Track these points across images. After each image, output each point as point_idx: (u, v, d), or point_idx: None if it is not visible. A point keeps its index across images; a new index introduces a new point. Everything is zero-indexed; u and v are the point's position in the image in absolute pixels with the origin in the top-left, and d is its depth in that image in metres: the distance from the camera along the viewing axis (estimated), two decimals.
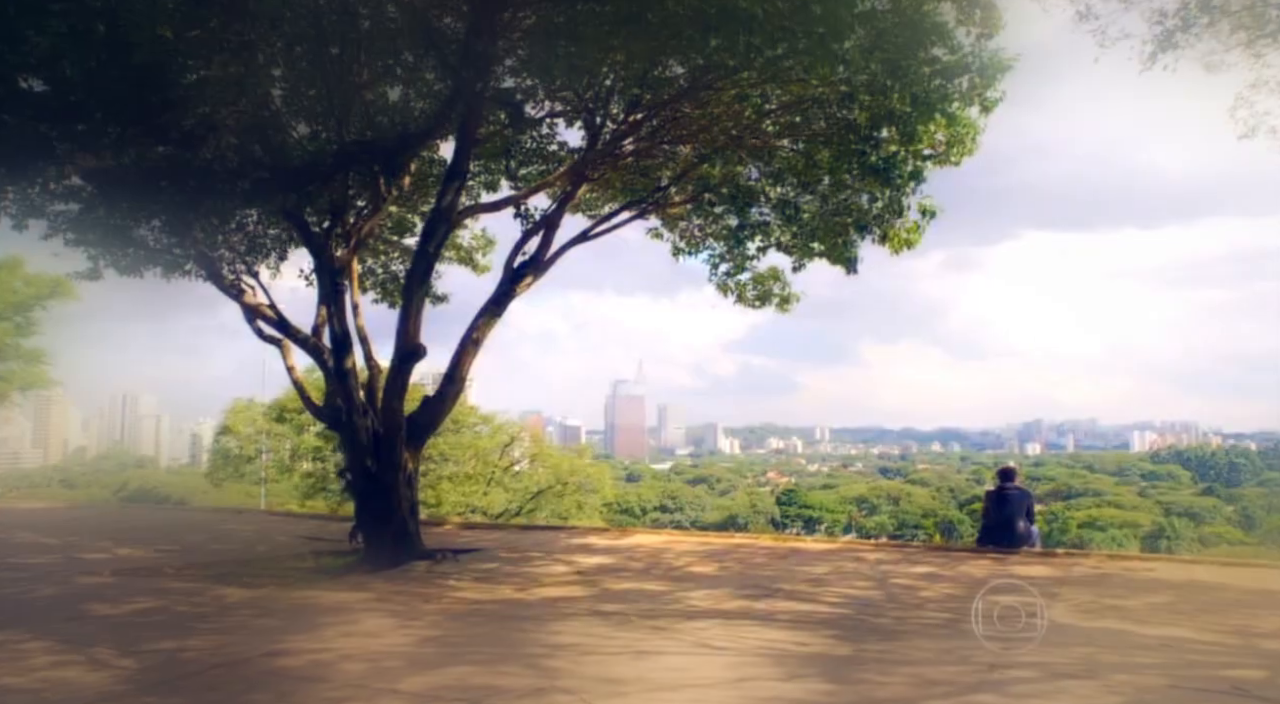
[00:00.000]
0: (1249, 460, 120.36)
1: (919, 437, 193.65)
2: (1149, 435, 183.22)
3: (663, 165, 11.19)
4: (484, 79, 8.43)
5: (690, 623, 6.45)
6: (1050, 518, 76.43)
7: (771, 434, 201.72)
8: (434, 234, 8.99)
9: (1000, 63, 9.23)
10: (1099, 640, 5.99)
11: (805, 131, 9.92)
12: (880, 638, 6.02)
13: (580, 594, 7.66)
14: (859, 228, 9.86)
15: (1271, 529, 65.88)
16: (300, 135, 8.70)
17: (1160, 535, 68.00)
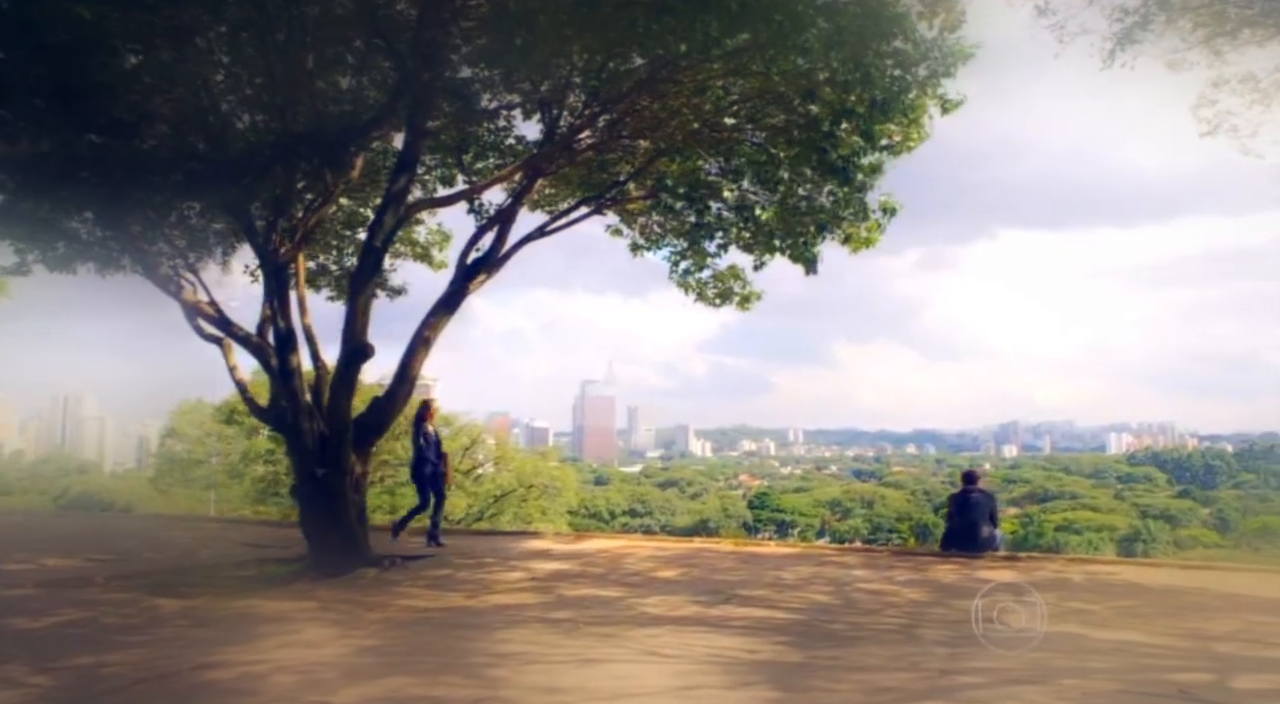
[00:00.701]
0: (1225, 462, 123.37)
1: (894, 438, 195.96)
2: (1125, 437, 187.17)
3: (621, 160, 11.21)
4: (432, 69, 8.38)
5: (641, 630, 6.48)
6: (1026, 521, 77.93)
7: (744, 436, 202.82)
8: (381, 228, 8.92)
9: (961, 51, 9.38)
10: (1054, 645, 6.12)
11: (765, 127, 10.00)
12: (833, 644, 6.10)
13: (532, 601, 7.66)
14: (819, 227, 9.96)
15: (1247, 532, 67.49)
16: (241, 125, 8.59)
17: (1136, 538, 69.61)
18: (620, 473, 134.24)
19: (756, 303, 11.92)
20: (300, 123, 8.40)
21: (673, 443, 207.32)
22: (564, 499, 35.14)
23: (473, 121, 10.19)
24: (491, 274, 10.51)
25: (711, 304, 11.84)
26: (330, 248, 13.50)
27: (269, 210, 9.03)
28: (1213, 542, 67.66)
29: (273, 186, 8.47)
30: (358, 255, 13.62)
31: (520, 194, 10.80)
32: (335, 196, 9.70)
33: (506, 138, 11.83)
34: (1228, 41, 9.07)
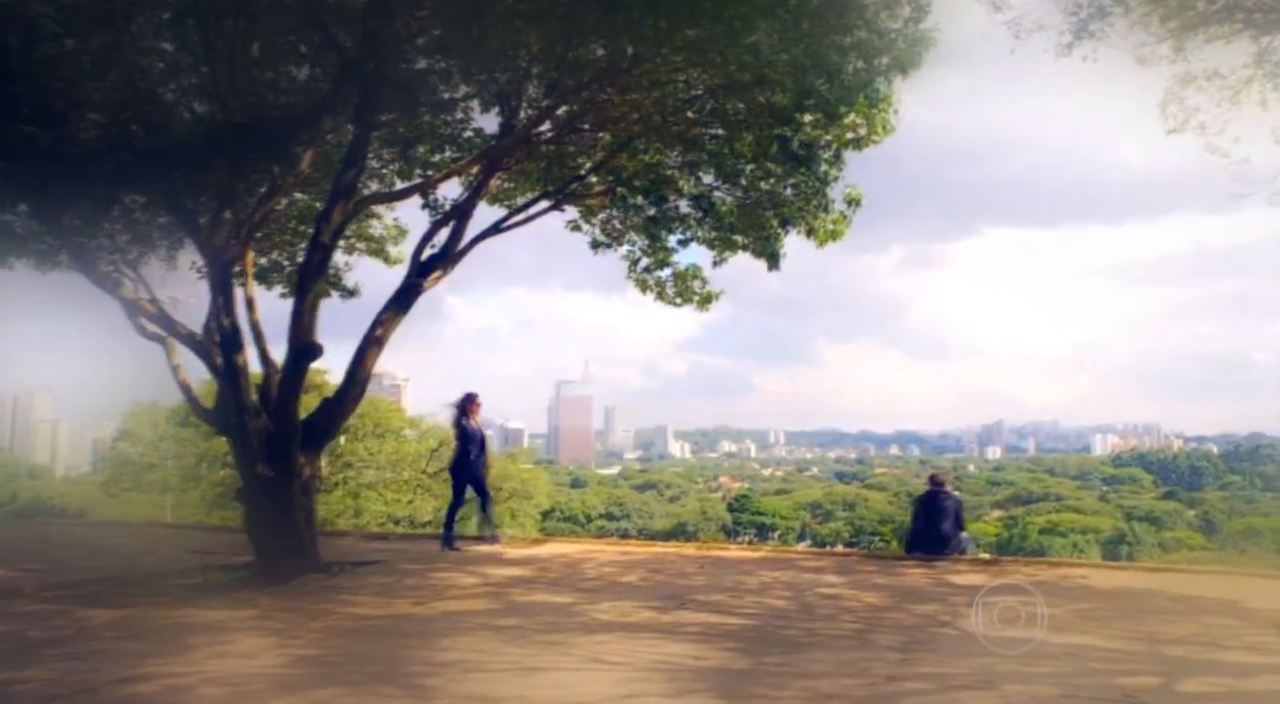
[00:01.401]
0: (1211, 464, 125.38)
1: (877, 440, 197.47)
2: (1111, 438, 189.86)
3: (581, 154, 11.23)
4: (378, 59, 8.35)
5: (589, 637, 6.51)
6: (1010, 523, 78.80)
7: (724, 437, 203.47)
8: (328, 223, 8.87)
9: (923, 38, 9.48)
10: (1004, 649, 6.22)
11: (726, 117, 10.06)
12: (783, 650, 6.16)
13: (482, 607, 7.67)
14: (782, 220, 10.03)
15: (1232, 534, 68.34)
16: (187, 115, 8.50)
17: (1121, 541, 70.48)
18: (597, 475, 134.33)
19: (716, 302, 11.98)
20: (244, 113, 8.33)
21: (651, 444, 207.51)
22: (535, 502, 35.03)
23: (421, 114, 10.14)
24: (447, 271, 10.48)
25: (671, 303, 11.89)
26: (284, 244, 13.40)
27: (213, 204, 8.95)
28: (1198, 544, 68.49)
29: (215, 178, 8.39)
30: None
31: (477, 188, 10.78)
32: (284, 190, 9.62)
33: (464, 131, 11.80)
34: (1192, 37, 9.25)
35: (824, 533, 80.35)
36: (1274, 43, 9.31)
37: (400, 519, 32.63)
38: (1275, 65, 9.45)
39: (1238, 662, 5.83)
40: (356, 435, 33.17)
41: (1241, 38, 9.45)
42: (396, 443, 33.72)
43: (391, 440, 33.70)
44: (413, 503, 32.79)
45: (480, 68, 10.63)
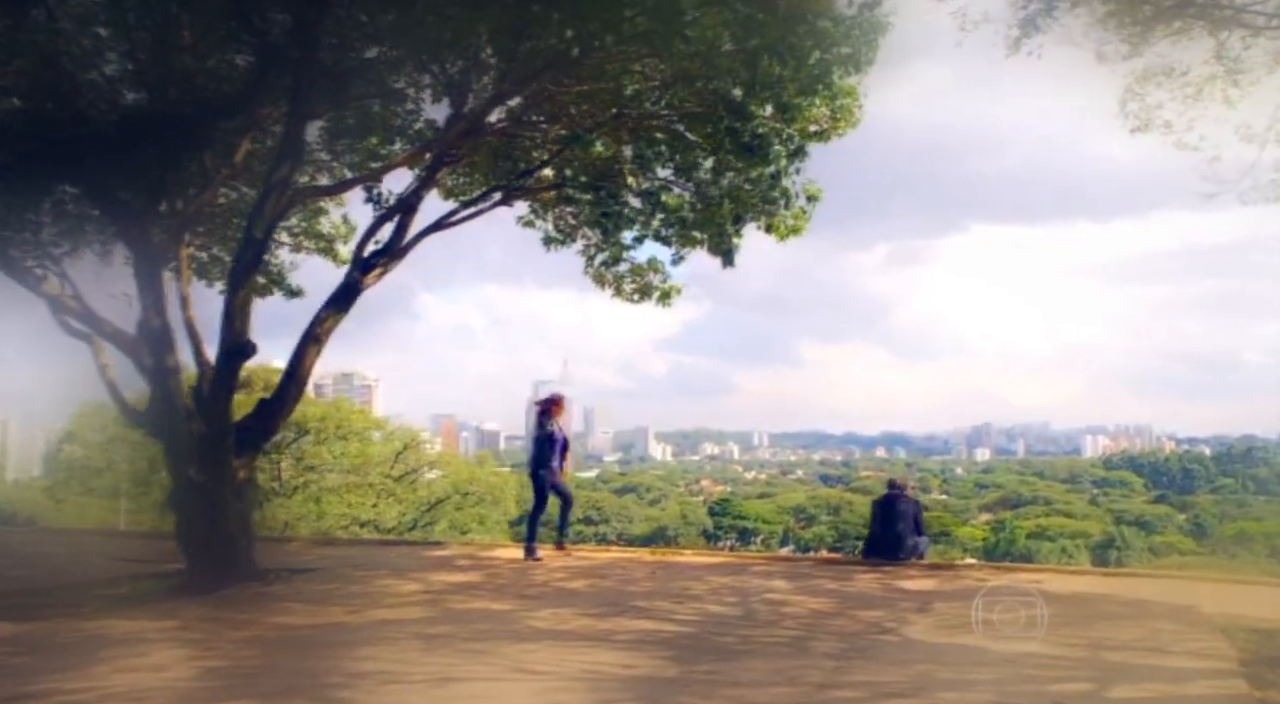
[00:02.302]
0: (1203, 466, 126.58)
1: (862, 442, 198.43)
2: (1102, 440, 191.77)
3: (534, 146, 11.22)
4: (305, 47, 8.29)
5: (518, 645, 6.51)
6: (997, 528, 79.49)
7: (706, 439, 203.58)
8: (261, 217, 8.80)
9: (878, 25, 9.55)
10: (944, 657, 6.30)
11: (681, 109, 10.10)
12: (716, 658, 6.18)
13: (416, 616, 7.65)
14: (736, 216, 10.08)
15: (1224, 538, 69.00)
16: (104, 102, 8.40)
17: (1110, 545, 71.18)
18: (576, 478, 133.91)
19: (678, 297, 12.00)
20: (173, 101, 8.26)
21: (631, 446, 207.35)
22: (504, 508, 34.97)
23: (349, 104, 10.08)
24: (389, 268, 10.43)
25: (630, 300, 11.91)
26: (229, 239, 13.30)
27: (142, 196, 8.86)
28: (1189, 549, 69.19)
29: (141, 169, 8.30)
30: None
31: (424, 181, 10.73)
32: (219, 182, 9.55)
33: (416, 122, 11.77)
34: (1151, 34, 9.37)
35: (807, 537, 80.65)
36: (1231, 39, 9.45)
37: (365, 523, 32.51)
38: (1234, 61, 9.59)
39: (1175, 667, 5.92)
40: (320, 438, 33.05)
41: (1201, 34, 9.59)
42: (361, 445, 33.56)
43: (355, 443, 33.54)
44: (376, 507, 32.68)
45: (430, 57, 10.64)
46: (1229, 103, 9.84)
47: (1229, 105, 9.84)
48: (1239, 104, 9.82)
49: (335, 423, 32.25)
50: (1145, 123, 10.05)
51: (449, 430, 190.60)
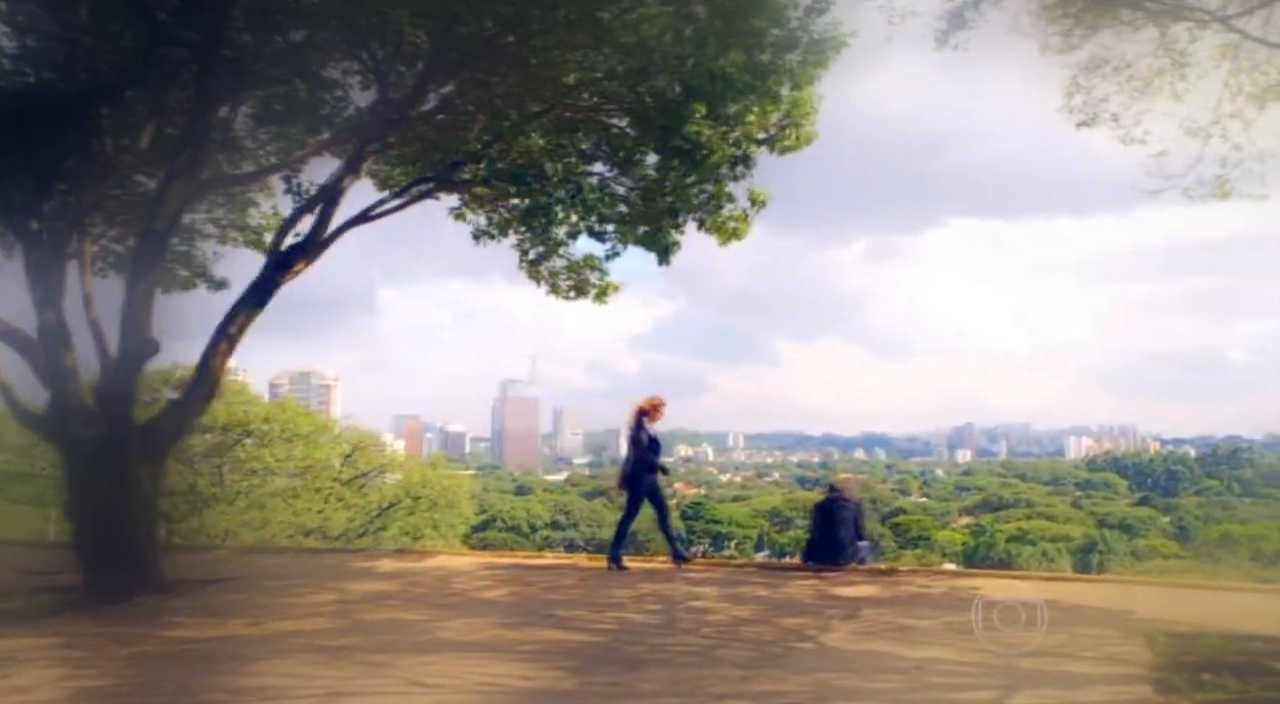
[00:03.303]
0: (1187, 468, 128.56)
1: (841, 443, 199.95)
2: (1085, 441, 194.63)
3: (467, 136, 11.19)
4: (201, 29, 8.22)
5: (420, 657, 6.53)
6: (978, 531, 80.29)
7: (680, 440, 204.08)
8: (163, 207, 8.71)
9: (834, 41, 9.69)
10: (853, 665, 6.39)
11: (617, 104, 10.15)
12: (620, 669, 6.23)
13: (321, 627, 7.63)
14: (671, 213, 10.14)
15: (1207, 541, 70.02)
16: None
17: (1092, 549, 72.18)
18: (544, 481, 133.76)
19: (614, 295, 12.06)
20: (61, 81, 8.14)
21: (603, 448, 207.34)
22: (458, 511, 34.83)
23: (241, 91, 10.00)
24: (310, 262, 10.38)
25: (565, 297, 11.96)
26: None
27: (29, 181, 8.70)
28: (1172, 552, 70.20)
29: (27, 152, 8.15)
30: (183, 241, 13.39)
31: (346, 171, 10.65)
32: (121, 170, 9.42)
33: (345, 110, 11.71)
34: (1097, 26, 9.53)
35: (783, 541, 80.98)
36: (1178, 32, 9.64)
37: (311, 531, 32.22)
38: (1180, 55, 9.78)
39: (1084, 673, 6.04)
40: (264, 440, 32.70)
41: (1146, 26, 9.77)
42: (307, 448, 33.24)
43: (301, 445, 33.21)
44: (323, 513, 32.43)
45: (357, 41, 10.60)
46: (1176, 97, 10.04)
47: (1176, 99, 10.05)
48: (1186, 98, 10.03)
49: (281, 424, 31.92)
50: (1092, 117, 10.22)
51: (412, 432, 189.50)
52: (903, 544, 76.79)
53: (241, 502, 30.90)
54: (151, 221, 8.82)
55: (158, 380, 19.72)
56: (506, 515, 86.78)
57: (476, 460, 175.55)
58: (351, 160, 10.65)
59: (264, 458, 31.95)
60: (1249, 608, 9.03)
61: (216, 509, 28.23)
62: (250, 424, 30.03)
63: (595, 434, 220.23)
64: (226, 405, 30.72)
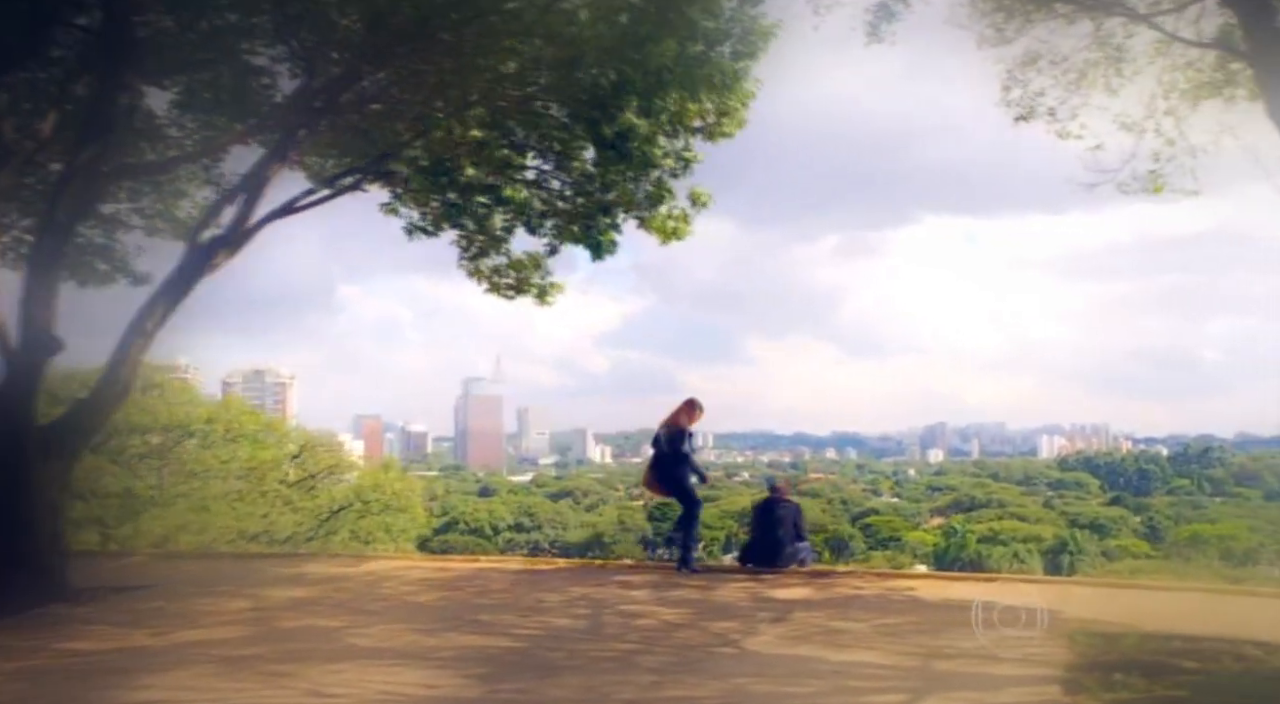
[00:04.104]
0: (1159, 467, 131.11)
1: (812, 442, 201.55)
2: (1058, 440, 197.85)
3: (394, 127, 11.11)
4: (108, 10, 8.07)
5: (327, 666, 6.46)
6: (949, 532, 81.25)
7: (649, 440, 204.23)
8: (64, 197, 8.55)
9: (762, 29, 9.74)
10: (771, 669, 6.43)
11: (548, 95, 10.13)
12: (533, 675, 6.23)
13: (230, 636, 7.52)
14: (604, 210, 10.14)
15: (1178, 541, 71.38)
16: None
17: (1063, 549, 73.33)
18: (508, 482, 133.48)
19: (557, 295, 12.03)
20: None
21: (569, 448, 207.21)
22: (411, 514, 34.60)
23: (128, 76, 9.85)
24: (231, 255, 10.23)
25: (505, 296, 11.91)
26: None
27: None
28: (1143, 552, 71.47)
29: None
30: (104, 233, 13.16)
31: (270, 160, 10.52)
32: (21, 157, 9.23)
33: (273, 97, 11.58)
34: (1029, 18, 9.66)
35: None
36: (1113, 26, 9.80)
37: (256, 535, 31.83)
38: (1115, 49, 9.95)
39: (1000, 674, 6.14)
40: (206, 441, 32.24)
41: (1082, 20, 9.92)
42: (252, 449, 32.83)
43: (247, 446, 32.80)
44: (268, 516, 32.05)
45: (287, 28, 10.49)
46: (1111, 91, 10.22)
47: (1111, 93, 10.22)
48: (1121, 92, 10.21)
49: (224, 424, 31.49)
50: (1029, 111, 10.36)
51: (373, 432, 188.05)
52: (873, 545, 77.53)
53: (182, 505, 30.44)
54: (53, 211, 8.64)
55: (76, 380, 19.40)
56: (469, 517, 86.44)
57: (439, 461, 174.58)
58: (276, 149, 10.53)
59: (206, 459, 31.50)
60: (1188, 607, 9.22)
61: (154, 513, 27.77)
62: (191, 424, 29.57)
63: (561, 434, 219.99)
64: (167, 405, 30.32)
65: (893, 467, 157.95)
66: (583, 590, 9.61)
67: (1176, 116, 9.54)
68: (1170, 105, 9.57)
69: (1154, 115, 9.61)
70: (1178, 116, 9.53)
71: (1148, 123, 9.63)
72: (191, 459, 31.27)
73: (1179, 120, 9.50)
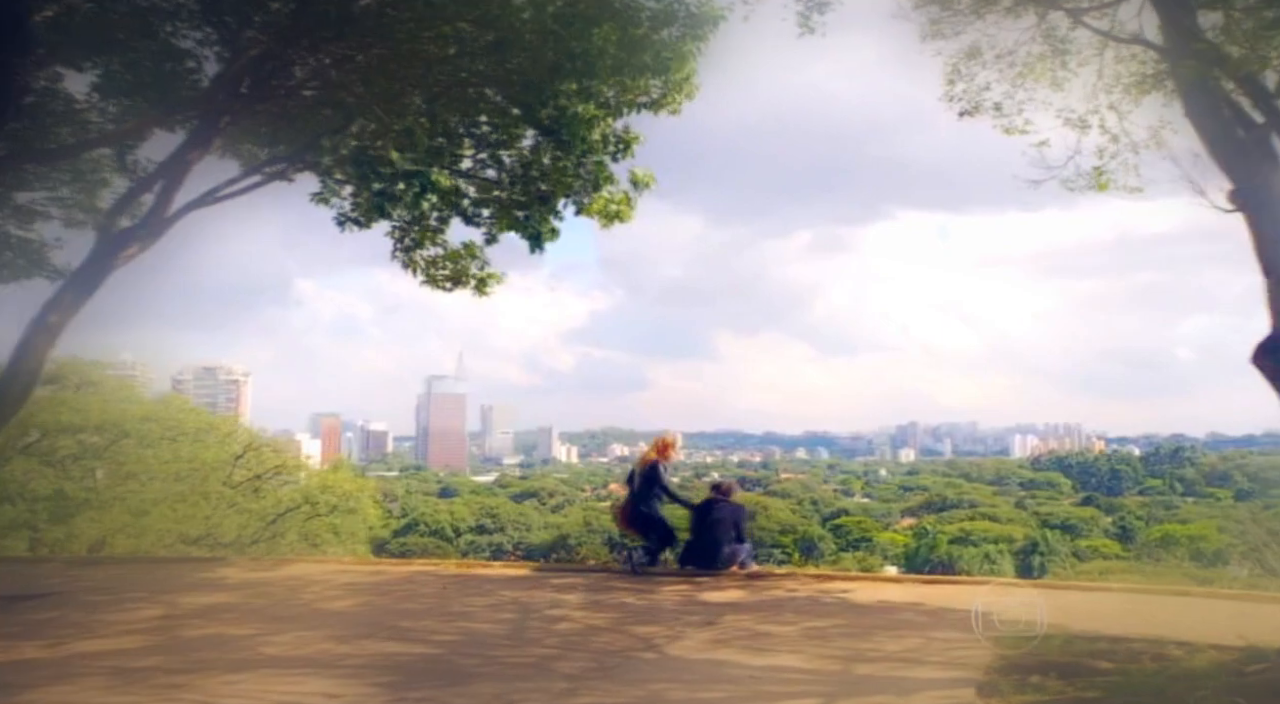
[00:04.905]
0: (1131, 467, 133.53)
1: (783, 442, 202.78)
2: (1031, 439, 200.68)
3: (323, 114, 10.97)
4: None
5: (227, 676, 6.36)
6: (920, 533, 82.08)
7: (616, 439, 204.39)
8: None
9: (710, 13, 9.73)
10: (688, 674, 6.42)
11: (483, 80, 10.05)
12: (441, 683, 6.17)
13: (130, 646, 7.38)
14: (540, 198, 10.08)
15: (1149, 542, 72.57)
16: None
17: (1034, 550, 74.36)
18: (471, 483, 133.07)
19: (496, 285, 11.94)
20: None
21: (534, 448, 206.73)
22: (361, 516, 34.28)
23: (86, 58, 9.68)
24: (146, 246, 10.05)
25: (442, 288, 11.80)
26: None
27: None
28: (1113, 552, 72.57)
29: None
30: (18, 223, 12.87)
31: (190, 146, 10.35)
32: None
33: (200, 82, 11.38)
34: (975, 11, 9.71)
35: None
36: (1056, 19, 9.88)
37: (197, 539, 31.36)
38: (1060, 43, 10.04)
39: (918, 678, 6.17)
40: (144, 441, 31.70)
41: (1027, 14, 9.99)
42: (194, 448, 32.36)
43: (188, 446, 32.32)
44: (211, 519, 31.59)
45: (211, 10, 10.33)
46: (1056, 85, 10.30)
47: (1056, 88, 10.31)
48: (1067, 87, 10.30)
49: (163, 423, 31.01)
50: (974, 106, 10.42)
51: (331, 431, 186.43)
52: (843, 546, 78.15)
53: (118, 507, 29.92)
54: None
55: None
56: (429, 519, 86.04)
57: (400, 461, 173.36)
58: (196, 135, 10.36)
59: (145, 460, 30.98)
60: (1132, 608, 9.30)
61: (88, 516, 27.28)
62: (127, 423, 29.07)
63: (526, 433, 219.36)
64: (102, 402, 29.83)
65: (864, 466, 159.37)
66: (514, 594, 9.56)
67: (1120, 112, 9.64)
68: (1113, 100, 9.67)
69: (1098, 110, 9.69)
70: (1121, 112, 9.63)
71: (1091, 118, 9.71)
72: (129, 459, 30.72)
73: (1122, 116, 9.59)
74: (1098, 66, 9.81)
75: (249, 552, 29.92)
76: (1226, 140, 6.88)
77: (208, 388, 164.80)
